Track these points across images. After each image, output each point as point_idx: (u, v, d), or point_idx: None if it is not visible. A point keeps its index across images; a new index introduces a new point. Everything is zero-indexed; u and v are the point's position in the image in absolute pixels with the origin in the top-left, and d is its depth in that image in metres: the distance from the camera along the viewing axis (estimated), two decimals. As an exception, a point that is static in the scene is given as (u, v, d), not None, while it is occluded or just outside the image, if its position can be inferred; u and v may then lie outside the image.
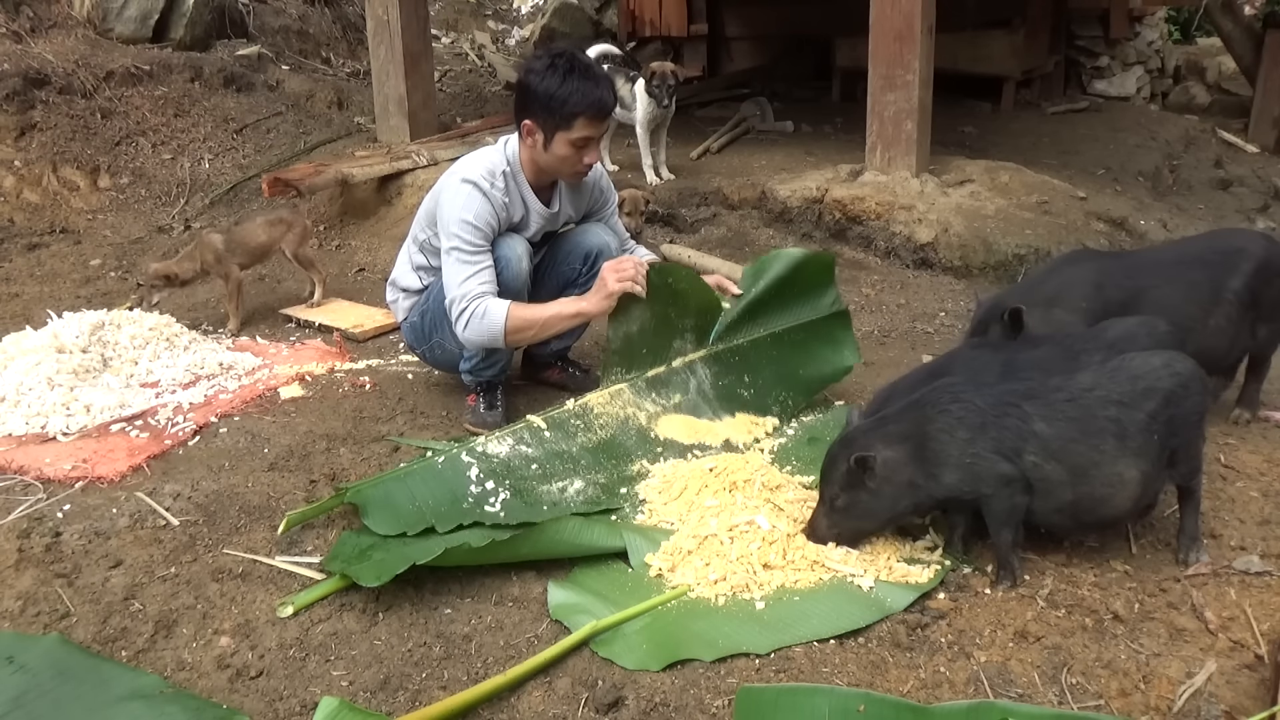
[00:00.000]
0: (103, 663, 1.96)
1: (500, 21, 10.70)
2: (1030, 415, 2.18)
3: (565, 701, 1.88)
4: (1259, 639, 2.00)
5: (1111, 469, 2.16)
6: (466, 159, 2.97)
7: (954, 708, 1.78)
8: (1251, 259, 2.79)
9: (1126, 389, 2.18)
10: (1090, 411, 2.17)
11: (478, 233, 2.81)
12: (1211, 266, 2.82)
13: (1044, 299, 2.81)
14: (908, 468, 2.19)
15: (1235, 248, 2.85)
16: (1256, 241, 2.88)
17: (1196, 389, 2.22)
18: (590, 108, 2.76)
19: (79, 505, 2.57)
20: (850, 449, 2.19)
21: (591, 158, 2.89)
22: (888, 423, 2.26)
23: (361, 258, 4.94)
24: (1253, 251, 2.81)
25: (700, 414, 2.90)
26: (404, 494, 2.47)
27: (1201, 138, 7.06)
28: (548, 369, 3.40)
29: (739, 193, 4.98)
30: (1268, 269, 2.80)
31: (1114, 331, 2.50)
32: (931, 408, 2.22)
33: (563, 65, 2.76)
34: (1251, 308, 2.79)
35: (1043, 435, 2.17)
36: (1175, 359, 2.27)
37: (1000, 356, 2.53)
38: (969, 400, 2.20)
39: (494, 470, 2.56)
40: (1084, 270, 2.91)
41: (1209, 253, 2.88)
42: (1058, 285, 2.88)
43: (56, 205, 5.50)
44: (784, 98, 7.37)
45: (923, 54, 4.49)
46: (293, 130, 6.35)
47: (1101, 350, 2.39)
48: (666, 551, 2.31)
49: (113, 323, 3.52)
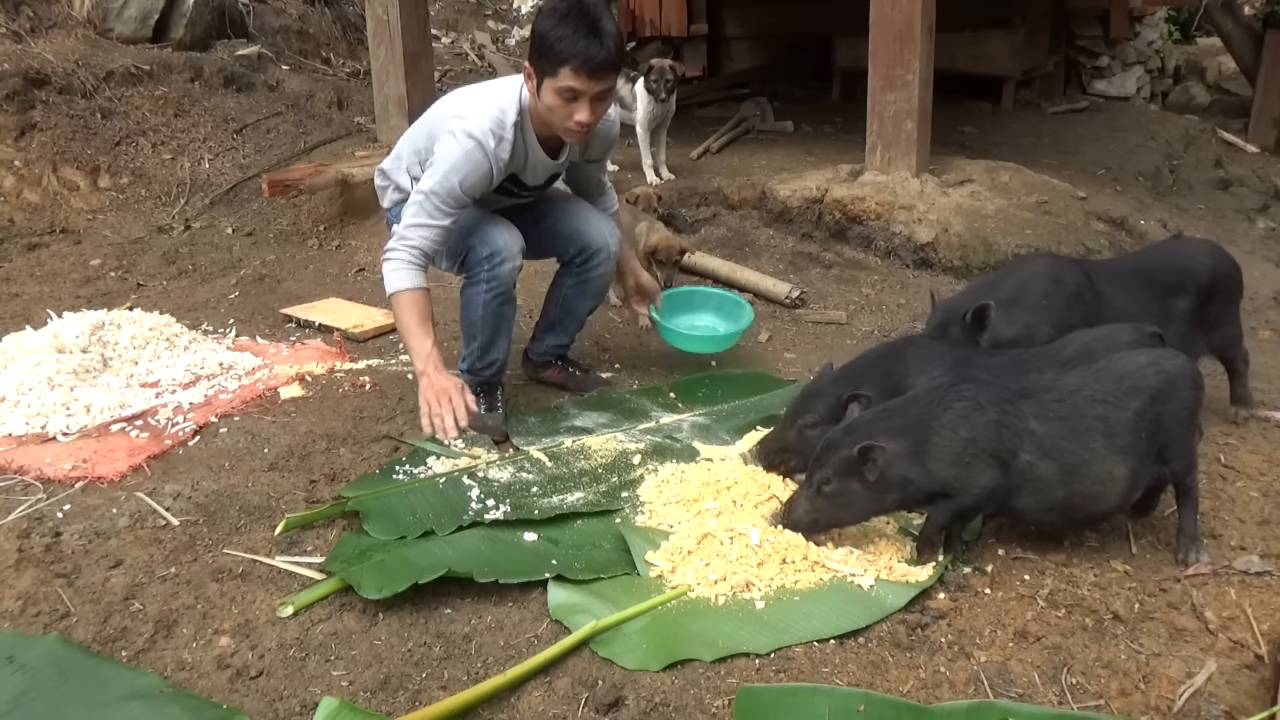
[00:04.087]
0: (103, 663, 1.96)
1: (500, 21, 10.69)
2: (1026, 414, 2.20)
3: (565, 701, 1.88)
4: (1259, 639, 2.00)
5: (1101, 467, 2.18)
6: (480, 96, 2.83)
7: (954, 708, 1.78)
8: (1195, 279, 2.88)
9: (1112, 388, 2.22)
10: (1078, 411, 2.20)
11: (458, 200, 2.72)
12: (1160, 286, 2.89)
13: (1005, 298, 2.81)
14: (904, 462, 2.19)
15: (1182, 267, 2.93)
16: (1202, 261, 2.94)
17: (1185, 385, 2.24)
18: (576, 58, 2.55)
19: (79, 505, 2.57)
20: (855, 437, 2.19)
21: (584, 115, 2.65)
22: (891, 415, 2.26)
23: (361, 258, 4.94)
24: (1197, 271, 2.90)
25: (709, 439, 2.94)
26: (404, 506, 2.50)
27: (1201, 138, 7.06)
28: (547, 368, 3.40)
29: (739, 193, 4.98)
30: (1211, 286, 2.89)
31: (1071, 348, 2.52)
32: (937, 404, 2.22)
33: (564, 8, 2.58)
34: (1199, 324, 2.88)
35: (1037, 434, 2.19)
36: (1163, 356, 2.29)
37: (955, 352, 2.58)
38: (974, 398, 2.21)
39: (494, 491, 2.59)
40: (1040, 267, 2.94)
41: (1159, 271, 2.95)
42: (1017, 285, 2.89)
43: (56, 205, 5.50)
44: (784, 98, 7.37)
45: (923, 54, 4.49)
46: (293, 130, 6.35)
47: (1055, 368, 2.40)
48: (667, 552, 2.31)
49: (113, 323, 3.51)
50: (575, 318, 3.30)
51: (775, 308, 4.19)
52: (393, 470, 2.71)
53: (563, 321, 3.31)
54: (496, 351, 2.99)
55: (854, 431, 2.23)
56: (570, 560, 2.30)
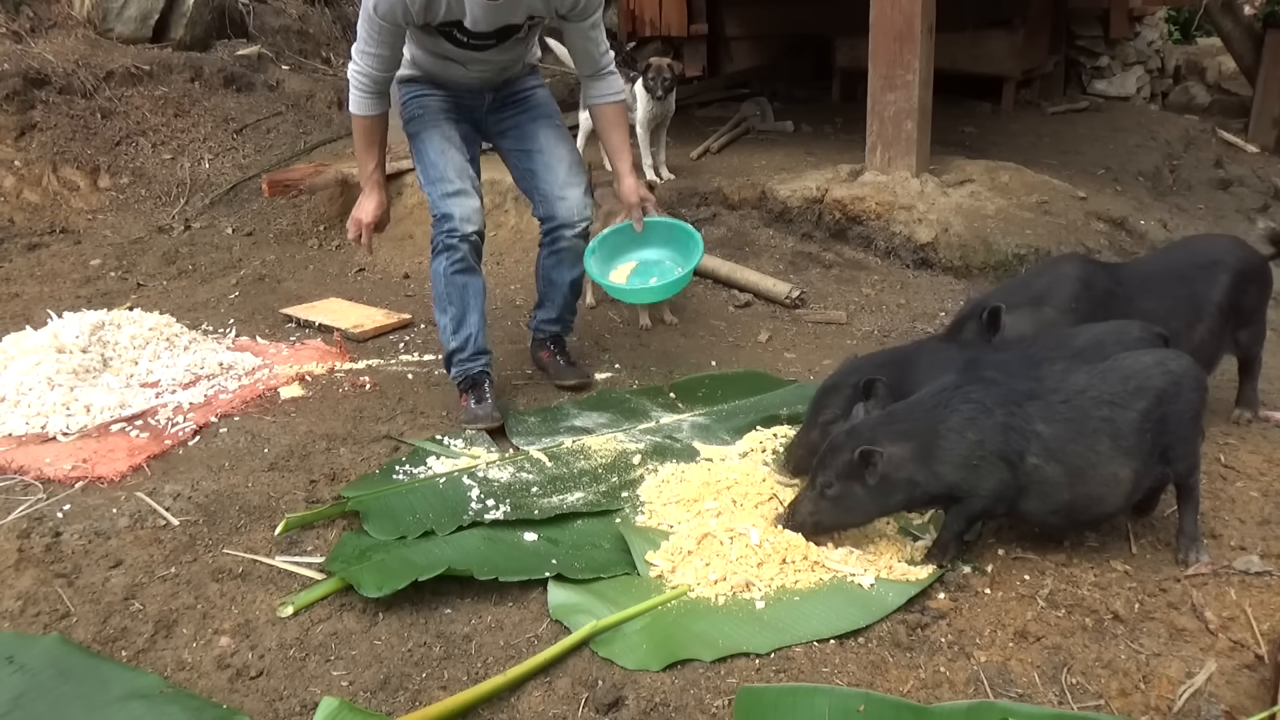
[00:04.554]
0: (103, 663, 1.96)
1: (500, 21, 10.69)
2: (1032, 416, 2.19)
3: (565, 701, 1.88)
4: (1259, 639, 2.00)
5: (1107, 469, 2.18)
6: None
7: (954, 708, 1.78)
8: (1228, 270, 2.85)
9: (1118, 389, 2.21)
10: (1085, 412, 2.19)
11: (381, 29, 2.77)
12: (1192, 281, 2.87)
13: (1034, 297, 2.82)
14: (910, 465, 2.19)
15: (1212, 260, 2.90)
16: (1231, 252, 2.93)
17: (1191, 386, 2.23)
18: None
19: (79, 505, 2.57)
20: (856, 440, 2.19)
21: None
22: (896, 419, 2.26)
23: (361, 258, 4.94)
24: (1229, 263, 2.87)
25: (709, 439, 2.93)
26: (404, 506, 2.50)
27: (1201, 138, 7.05)
28: (541, 349, 3.44)
29: (739, 193, 4.97)
30: (1243, 278, 2.86)
31: (1082, 339, 2.52)
32: (943, 407, 2.22)
33: None
34: (1231, 316, 2.86)
35: (1044, 436, 2.18)
36: (1169, 357, 2.28)
37: (965, 354, 2.57)
38: (980, 400, 2.21)
39: (494, 492, 2.59)
40: (1073, 269, 2.92)
41: (1189, 268, 2.92)
42: (1047, 284, 2.88)
43: (56, 205, 5.50)
44: (784, 98, 7.36)
45: (923, 54, 4.49)
46: (293, 130, 6.35)
47: (1066, 360, 2.40)
48: (667, 552, 2.31)
49: (113, 323, 3.52)
50: (558, 289, 3.32)
51: (775, 308, 4.19)
52: (393, 470, 2.71)
53: (548, 294, 3.34)
54: (469, 326, 3.02)
55: (857, 434, 2.23)
56: (570, 560, 2.30)
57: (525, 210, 5.07)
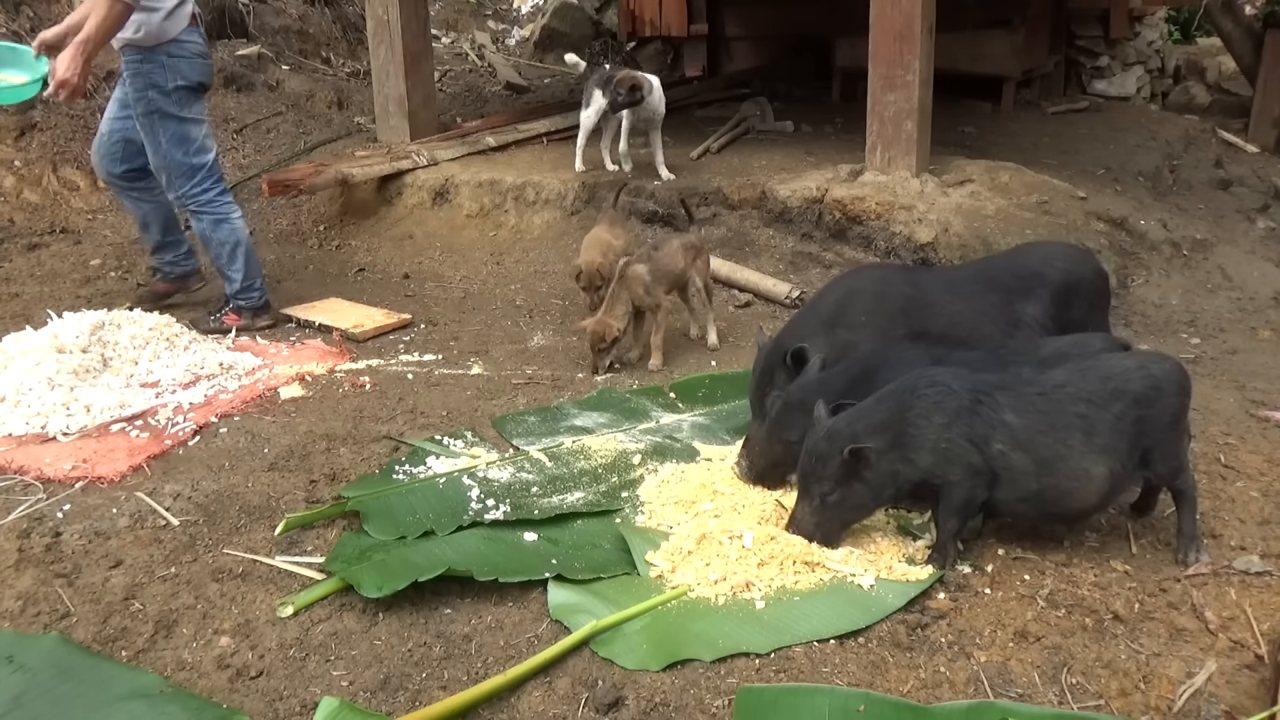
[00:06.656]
0: (103, 662, 1.97)
1: (500, 21, 10.69)
2: (1001, 405, 2.22)
3: (565, 701, 1.88)
4: (1259, 639, 2.00)
5: (1077, 464, 2.20)
6: None
7: (954, 708, 1.78)
8: (1048, 285, 2.77)
9: (1097, 388, 2.23)
10: (1059, 407, 2.22)
11: None
12: (1008, 291, 2.78)
13: (824, 320, 2.75)
14: (889, 455, 2.22)
15: (1032, 272, 2.82)
16: (1054, 265, 2.83)
17: (1171, 391, 2.24)
18: None
19: (79, 505, 2.57)
20: (839, 442, 2.20)
21: None
22: (865, 414, 2.28)
23: (361, 258, 4.94)
24: (1050, 277, 2.78)
25: (709, 439, 2.93)
26: (404, 506, 2.50)
27: (1201, 138, 7.04)
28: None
29: (739, 193, 4.97)
30: (1067, 291, 2.77)
31: (1047, 350, 2.50)
32: (910, 394, 2.25)
33: None
34: (1057, 332, 2.74)
35: (1011, 425, 2.21)
36: (1151, 361, 2.30)
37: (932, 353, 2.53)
38: (945, 385, 2.24)
39: (494, 492, 2.59)
40: (860, 283, 2.86)
41: (1006, 276, 2.84)
42: (836, 304, 2.80)
43: (56, 205, 5.50)
44: (784, 98, 7.36)
45: (923, 54, 4.49)
46: (293, 130, 6.35)
47: (1033, 365, 2.39)
48: (667, 552, 2.30)
49: (113, 323, 3.51)
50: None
51: (775, 308, 4.19)
52: (393, 470, 2.71)
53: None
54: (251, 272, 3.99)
55: (837, 437, 2.23)
56: (570, 560, 2.30)
57: (525, 210, 5.08)
